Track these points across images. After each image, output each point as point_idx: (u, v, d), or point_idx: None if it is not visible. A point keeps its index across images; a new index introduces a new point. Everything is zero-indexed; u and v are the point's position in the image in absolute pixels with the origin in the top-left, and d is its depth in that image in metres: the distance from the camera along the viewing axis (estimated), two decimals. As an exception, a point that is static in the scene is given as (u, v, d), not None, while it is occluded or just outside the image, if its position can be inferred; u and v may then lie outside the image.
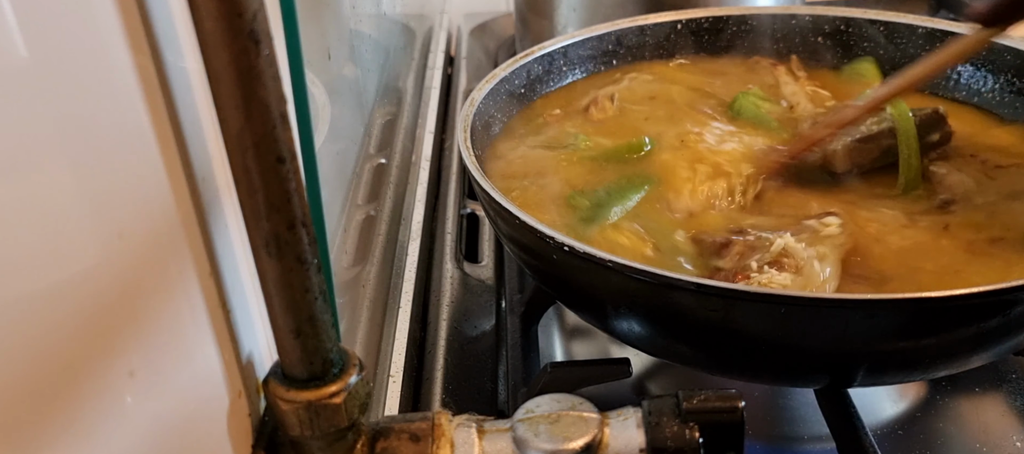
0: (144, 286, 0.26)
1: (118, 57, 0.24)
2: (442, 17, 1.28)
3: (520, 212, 0.48)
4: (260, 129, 0.26)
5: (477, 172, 0.53)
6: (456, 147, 0.90)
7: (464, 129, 0.59)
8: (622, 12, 0.84)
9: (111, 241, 0.24)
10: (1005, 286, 0.40)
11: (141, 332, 0.26)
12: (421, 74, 1.08)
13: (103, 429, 0.24)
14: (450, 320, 0.65)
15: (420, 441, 0.35)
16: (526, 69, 0.71)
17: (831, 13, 0.76)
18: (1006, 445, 0.52)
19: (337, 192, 0.63)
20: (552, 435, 0.34)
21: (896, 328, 0.42)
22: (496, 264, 0.73)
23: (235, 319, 0.32)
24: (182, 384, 0.28)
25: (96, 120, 0.24)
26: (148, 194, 0.26)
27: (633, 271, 0.43)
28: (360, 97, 0.74)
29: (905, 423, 0.54)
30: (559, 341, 0.65)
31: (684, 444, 0.34)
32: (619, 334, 0.51)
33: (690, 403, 0.34)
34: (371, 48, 0.81)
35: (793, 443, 0.55)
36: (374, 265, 0.67)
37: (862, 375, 0.46)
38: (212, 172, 0.30)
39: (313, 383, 0.32)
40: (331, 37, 0.62)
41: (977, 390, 0.56)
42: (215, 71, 0.25)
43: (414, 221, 0.76)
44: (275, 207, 0.28)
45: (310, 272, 0.29)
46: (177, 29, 0.27)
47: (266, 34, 0.25)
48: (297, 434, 0.32)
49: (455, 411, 0.36)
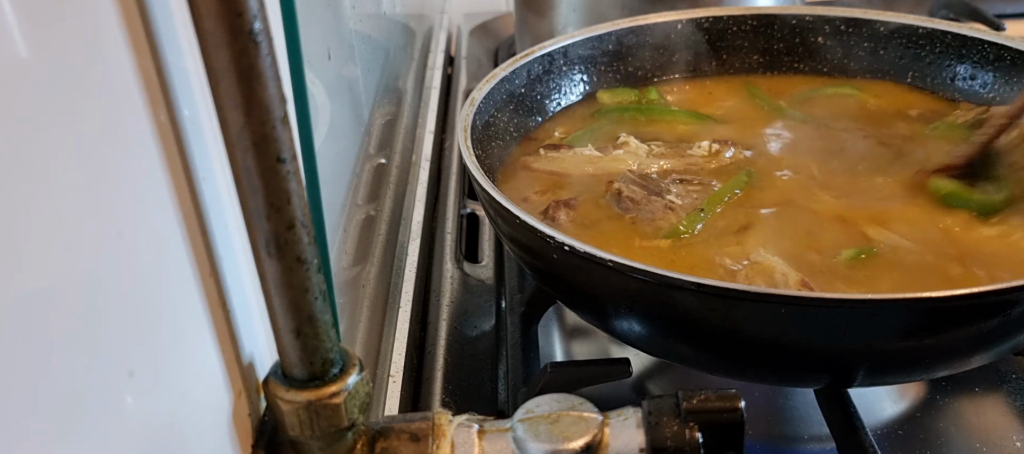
0: (144, 286, 0.26)
1: (118, 57, 0.24)
2: (442, 17, 1.29)
3: (520, 212, 0.48)
4: (260, 129, 0.26)
5: (477, 172, 0.53)
6: (456, 147, 0.90)
7: (464, 129, 0.59)
8: (622, 12, 0.84)
9: (111, 241, 0.24)
10: (1005, 286, 0.40)
11: (141, 332, 0.26)
12: (421, 74, 1.08)
13: (103, 429, 0.24)
14: (450, 320, 0.65)
15: (420, 441, 0.35)
16: (526, 69, 0.71)
17: (832, 13, 0.76)
18: (1006, 445, 0.52)
19: (337, 192, 0.63)
20: (552, 435, 0.34)
21: (896, 328, 0.42)
22: (496, 264, 0.73)
23: (235, 319, 0.32)
24: (182, 384, 0.28)
25: (96, 120, 0.24)
26: (148, 194, 0.26)
27: (633, 271, 0.43)
28: (360, 97, 0.74)
29: (905, 423, 0.54)
30: (559, 341, 0.65)
31: (684, 444, 0.34)
32: (619, 334, 0.51)
33: (690, 403, 0.34)
34: (371, 48, 0.81)
35: (793, 443, 0.55)
36: (374, 265, 0.67)
37: (862, 375, 0.46)
38: (212, 172, 0.30)
39: (313, 383, 0.32)
40: (331, 37, 0.62)
41: (977, 390, 0.56)
42: (215, 71, 0.25)
43: (414, 221, 0.76)
44: (275, 207, 0.28)
45: (310, 272, 0.29)
46: (177, 29, 0.27)
47: (266, 34, 0.25)
48: (297, 434, 0.32)
49: (455, 411, 0.36)
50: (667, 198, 0.59)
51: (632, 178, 0.60)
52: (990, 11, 1.09)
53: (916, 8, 1.12)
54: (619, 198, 0.59)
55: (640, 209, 0.58)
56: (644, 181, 0.60)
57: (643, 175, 0.62)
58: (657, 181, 0.61)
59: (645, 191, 0.59)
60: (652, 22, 0.77)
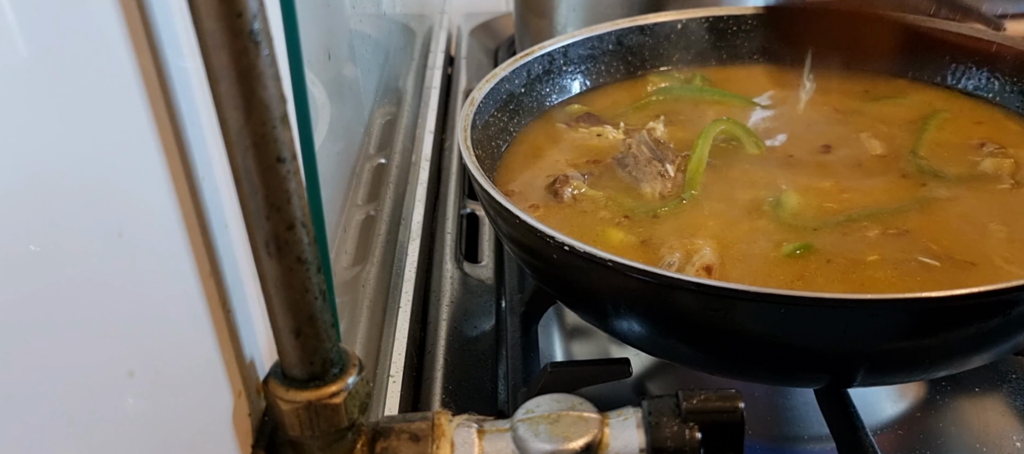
0: (144, 286, 0.26)
1: (118, 57, 0.24)
2: (442, 17, 1.28)
3: (520, 212, 0.48)
4: (260, 129, 0.26)
5: (477, 172, 0.53)
6: (456, 147, 0.90)
7: (464, 129, 0.59)
8: (622, 12, 0.84)
9: (111, 241, 0.24)
10: (1005, 286, 0.40)
11: (141, 332, 0.26)
12: (421, 74, 1.08)
13: (103, 429, 0.24)
14: (450, 320, 0.65)
15: (420, 441, 0.35)
16: (526, 69, 0.71)
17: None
18: (1006, 445, 0.52)
19: (337, 192, 0.63)
20: (552, 435, 0.34)
21: (896, 328, 0.42)
22: (496, 264, 0.73)
23: (235, 319, 0.32)
24: (182, 384, 0.28)
25: (96, 120, 0.24)
26: (148, 194, 0.26)
27: (633, 271, 0.43)
28: (360, 97, 0.74)
29: (905, 423, 0.54)
30: (559, 341, 0.65)
31: (684, 444, 0.34)
32: (619, 334, 0.51)
33: (690, 403, 0.34)
34: (371, 48, 0.81)
35: (793, 443, 0.55)
36: (374, 265, 0.67)
37: (862, 375, 0.46)
38: (212, 172, 0.30)
39: (313, 383, 0.32)
40: (331, 37, 0.62)
41: (977, 390, 0.56)
42: (215, 71, 0.25)
43: (414, 221, 0.76)
44: (275, 207, 0.28)
45: (310, 272, 0.29)
46: (177, 29, 0.27)
47: (266, 34, 0.25)
48: (297, 434, 0.32)
49: (455, 411, 0.36)
50: (665, 166, 0.60)
51: (647, 139, 0.62)
52: (990, 11, 1.09)
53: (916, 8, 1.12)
54: (627, 153, 0.62)
55: (638, 168, 0.60)
56: (656, 146, 0.62)
57: (659, 141, 0.63)
58: (669, 150, 0.63)
59: (651, 154, 0.61)
60: (652, 22, 0.77)
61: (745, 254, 0.53)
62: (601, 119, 0.70)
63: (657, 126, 0.67)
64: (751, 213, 0.57)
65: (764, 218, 0.56)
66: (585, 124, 0.70)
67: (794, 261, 0.52)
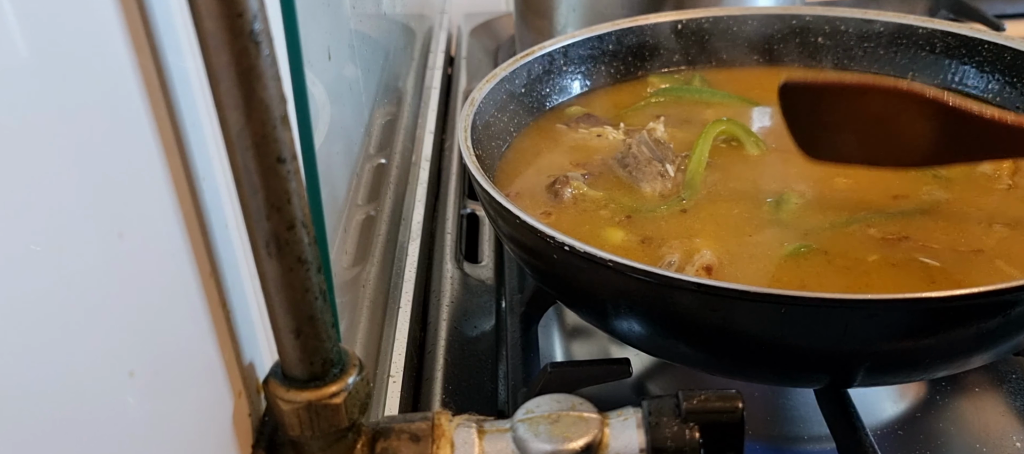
0: (144, 286, 0.26)
1: (118, 57, 0.24)
2: (442, 17, 1.28)
3: (520, 212, 0.48)
4: (260, 129, 0.26)
5: (477, 172, 0.53)
6: (456, 147, 0.90)
7: (464, 129, 0.59)
8: (622, 12, 0.84)
9: (111, 241, 0.24)
10: (1005, 286, 0.40)
11: (141, 332, 0.26)
12: (421, 74, 1.08)
13: (103, 429, 0.24)
14: (450, 320, 0.65)
15: (420, 441, 0.35)
16: (526, 69, 0.71)
17: (832, 13, 0.76)
18: (1006, 445, 0.52)
19: (337, 192, 0.63)
20: (552, 435, 0.34)
21: (896, 328, 0.42)
22: (496, 264, 0.73)
23: (235, 319, 0.32)
24: (182, 384, 0.28)
25: (96, 120, 0.24)
26: (148, 194, 0.26)
27: (633, 271, 0.43)
28: (360, 97, 0.74)
29: (905, 423, 0.54)
30: (559, 341, 0.65)
31: (684, 444, 0.34)
32: (619, 334, 0.51)
33: (690, 403, 0.34)
34: (371, 48, 0.81)
35: (793, 443, 0.55)
36: (374, 265, 0.67)
37: (862, 375, 0.46)
38: (212, 172, 0.30)
39: (313, 383, 0.32)
40: (331, 37, 0.62)
41: (977, 390, 0.56)
42: (215, 71, 0.25)
43: (414, 221, 0.76)
44: (275, 207, 0.28)
45: (310, 272, 0.29)
46: (177, 29, 0.27)
47: (266, 34, 0.25)
48: (297, 434, 0.32)
49: (455, 411, 0.36)
50: (665, 166, 0.61)
51: (647, 139, 0.63)
52: (990, 11, 1.09)
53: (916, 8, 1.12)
54: (627, 153, 0.62)
55: (638, 168, 0.61)
56: (656, 146, 0.62)
57: (660, 141, 0.64)
58: (669, 150, 0.63)
59: (651, 155, 0.61)
60: (652, 22, 0.77)
61: (745, 254, 0.53)
62: (601, 119, 0.70)
63: (657, 126, 0.67)
64: (751, 213, 0.57)
65: (764, 218, 0.56)
66: (585, 124, 0.70)
67: (794, 261, 0.52)
